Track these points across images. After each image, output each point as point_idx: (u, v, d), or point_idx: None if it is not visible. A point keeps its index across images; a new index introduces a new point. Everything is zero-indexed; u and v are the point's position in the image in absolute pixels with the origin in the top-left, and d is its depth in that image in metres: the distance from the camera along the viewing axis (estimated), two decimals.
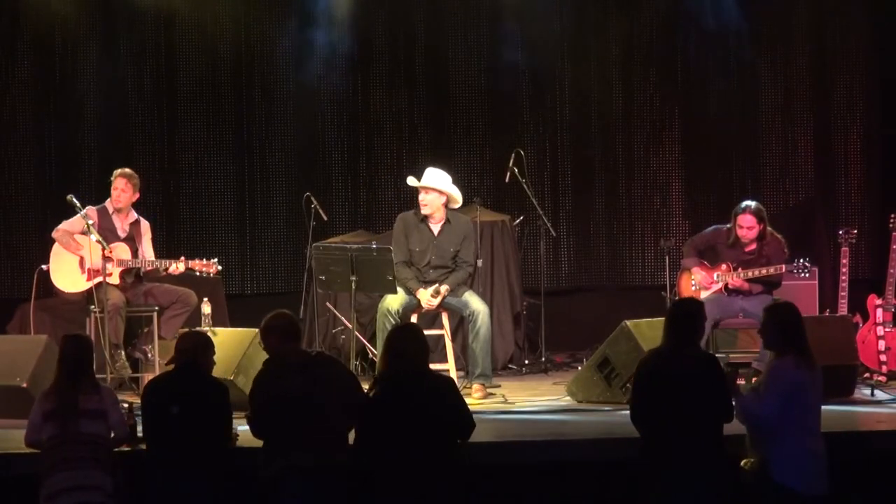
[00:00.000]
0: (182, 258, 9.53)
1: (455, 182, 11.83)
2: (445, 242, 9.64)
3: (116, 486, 6.64)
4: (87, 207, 9.55)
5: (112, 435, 6.81)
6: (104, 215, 9.62)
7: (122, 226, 9.64)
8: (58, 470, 6.56)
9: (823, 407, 6.59)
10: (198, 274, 9.57)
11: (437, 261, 9.61)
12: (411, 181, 9.75)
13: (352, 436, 6.64)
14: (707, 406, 6.40)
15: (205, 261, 9.50)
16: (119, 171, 9.73)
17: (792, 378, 6.36)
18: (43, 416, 6.70)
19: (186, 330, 8.24)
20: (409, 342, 6.68)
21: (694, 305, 6.79)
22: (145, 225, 9.79)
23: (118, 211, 9.64)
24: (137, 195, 9.76)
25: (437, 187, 9.61)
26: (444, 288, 9.48)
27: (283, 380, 6.60)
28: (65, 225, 9.54)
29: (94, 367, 8.73)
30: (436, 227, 9.68)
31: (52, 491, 6.54)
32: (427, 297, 9.47)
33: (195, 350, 6.87)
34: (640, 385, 6.56)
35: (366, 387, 8.53)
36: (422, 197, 9.64)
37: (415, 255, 9.60)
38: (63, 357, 6.83)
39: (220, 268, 9.56)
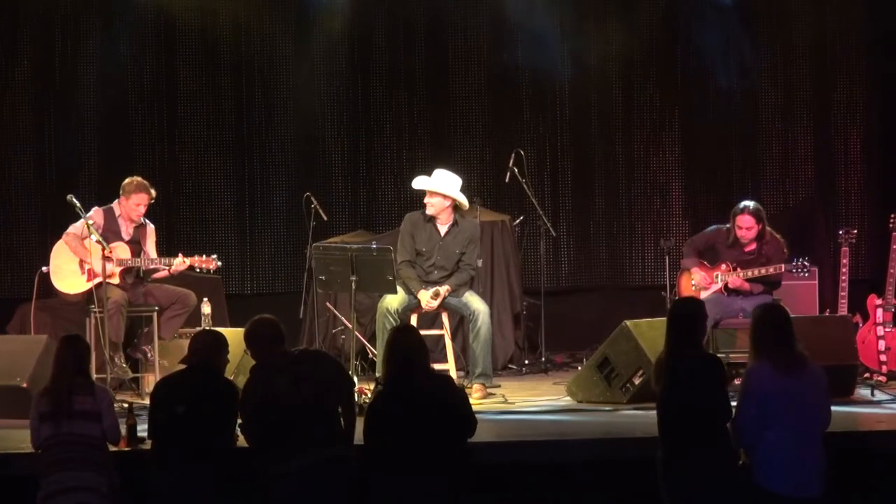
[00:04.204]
0: (180, 255, 9.53)
1: None
2: (451, 244, 9.63)
3: (112, 488, 6.63)
4: (94, 208, 9.55)
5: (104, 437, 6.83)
6: (110, 217, 9.59)
7: (127, 228, 9.62)
8: (53, 471, 6.55)
9: None
10: (197, 270, 9.56)
11: (442, 262, 9.61)
12: (417, 183, 9.72)
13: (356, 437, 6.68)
14: (708, 407, 6.40)
15: (204, 257, 9.50)
16: (138, 181, 9.60)
17: (766, 385, 6.33)
18: (39, 417, 6.70)
19: (201, 329, 8.26)
20: (411, 344, 6.70)
21: (693, 305, 6.77)
22: (150, 228, 9.79)
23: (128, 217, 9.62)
24: None
25: (441, 192, 9.60)
26: (444, 289, 9.49)
27: (270, 384, 6.60)
28: (73, 229, 9.50)
29: (94, 367, 8.79)
30: (443, 229, 9.67)
31: (49, 492, 6.53)
32: (427, 299, 9.47)
33: (207, 350, 6.87)
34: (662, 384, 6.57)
35: (367, 387, 8.57)
36: (427, 199, 9.63)
37: (420, 254, 9.59)
38: (59, 358, 6.82)
39: (219, 263, 9.55)
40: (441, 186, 9.61)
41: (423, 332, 7.31)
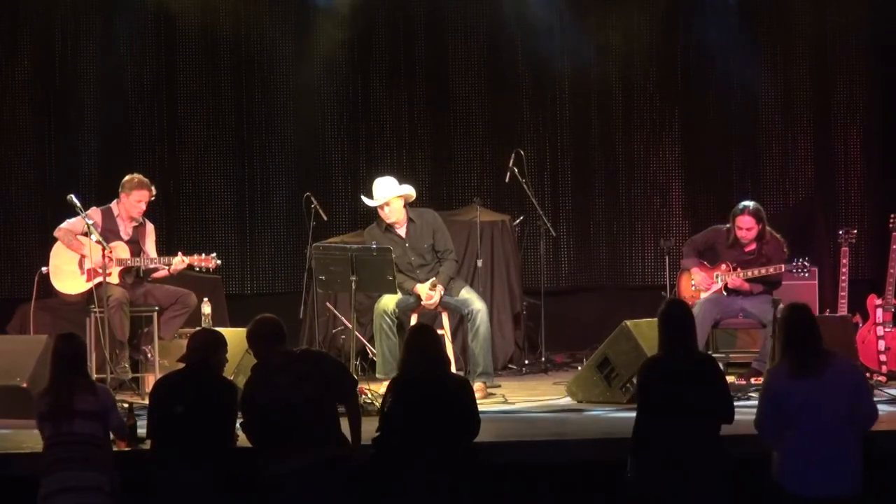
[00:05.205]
0: (180, 253, 9.52)
1: (455, 182, 11.84)
2: (416, 241, 9.64)
3: (114, 487, 6.63)
4: (92, 208, 9.55)
5: (112, 436, 6.83)
6: (108, 217, 9.58)
7: (125, 228, 9.62)
8: (54, 470, 6.54)
9: None
10: (197, 269, 9.56)
11: (418, 260, 9.63)
12: (371, 200, 9.70)
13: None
14: (707, 408, 6.41)
15: (203, 255, 9.50)
16: (139, 178, 9.61)
17: (782, 385, 6.33)
18: (39, 416, 6.69)
19: (200, 328, 8.25)
20: (430, 343, 6.77)
21: (677, 308, 6.76)
22: (150, 227, 9.78)
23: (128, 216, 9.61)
24: None
25: (394, 195, 9.57)
26: (439, 286, 9.49)
27: (271, 383, 6.61)
28: (66, 224, 9.52)
29: (94, 366, 8.79)
30: (402, 231, 9.67)
31: (48, 491, 6.52)
32: (426, 291, 9.47)
33: (205, 349, 6.87)
34: (643, 393, 6.56)
35: (367, 387, 8.56)
36: (385, 212, 9.61)
37: (397, 261, 9.58)
38: (56, 356, 6.80)
39: (218, 262, 9.55)
40: (391, 191, 9.57)
41: None
